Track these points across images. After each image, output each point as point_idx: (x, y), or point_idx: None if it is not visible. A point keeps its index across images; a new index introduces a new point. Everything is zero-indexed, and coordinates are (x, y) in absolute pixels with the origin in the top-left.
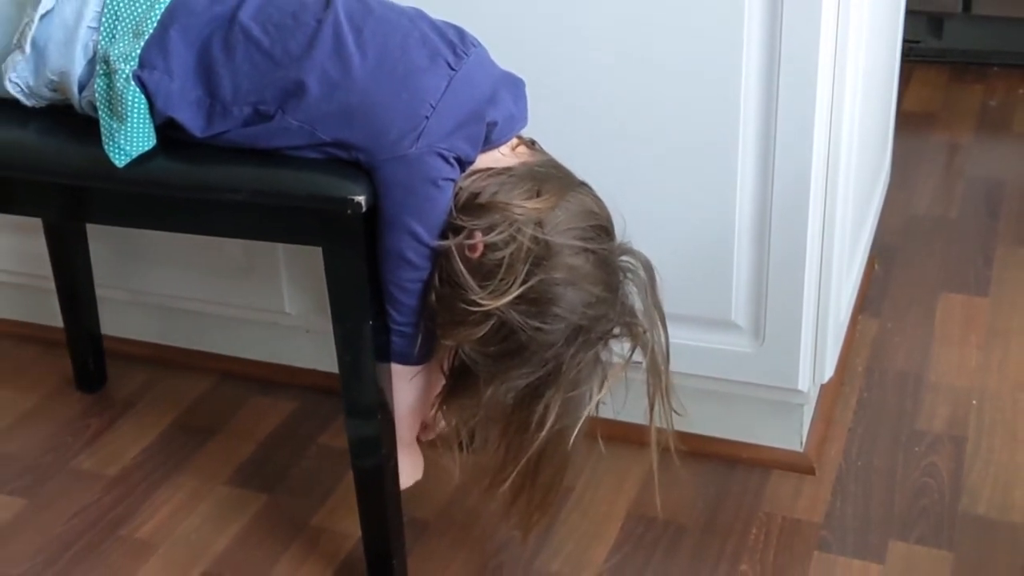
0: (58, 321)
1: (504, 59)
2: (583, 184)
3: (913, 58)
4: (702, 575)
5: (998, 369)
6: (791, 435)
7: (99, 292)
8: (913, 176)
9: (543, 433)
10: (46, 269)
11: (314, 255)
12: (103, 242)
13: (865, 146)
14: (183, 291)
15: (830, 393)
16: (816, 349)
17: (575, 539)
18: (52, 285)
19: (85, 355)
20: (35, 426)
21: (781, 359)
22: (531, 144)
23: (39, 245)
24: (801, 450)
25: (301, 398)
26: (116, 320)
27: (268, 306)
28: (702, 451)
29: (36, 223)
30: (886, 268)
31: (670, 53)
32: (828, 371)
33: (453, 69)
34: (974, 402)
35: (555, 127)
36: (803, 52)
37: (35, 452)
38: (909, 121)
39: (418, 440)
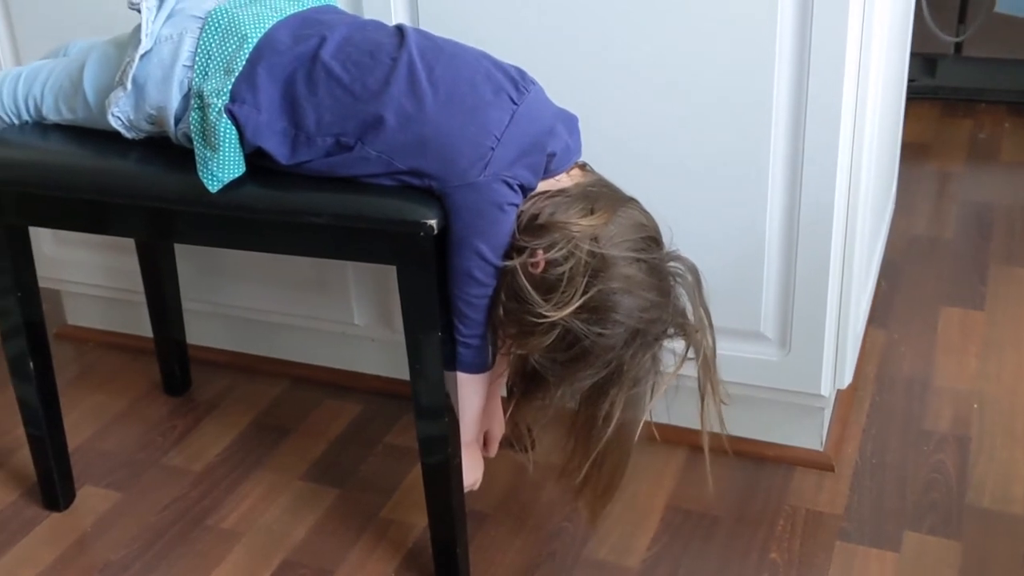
0: (145, 331)
1: (556, 95)
2: (632, 199)
3: (909, 94)
4: (735, 562)
5: (996, 375)
6: (812, 436)
7: (185, 304)
8: (911, 201)
9: (611, 427)
10: (135, 284)
11: (380, 272)
12: (189, 260)
13: (879, 171)
14: (260, 304)
15: (845, 397)
16: (836, 358)
17: (620, 529)
18: (140, 298)
19: (172, 362)
20: (127, 426)
21: (805, 367)
22: (582, 166)
23: (129, 262)
24: (821, 449)
25: (367, 401)
26: (200, 330)
27: (338, 317)
28: (733, 450)
29: (126, 243)
30: (890, 284)
31: (705, 87)
32: (847, 378)
33: (515, 104)
34: (975, 405)
35: (601, 151)
36: (829, 84)
37: (128, 450)
38: (906, 151)
39: (484, 448)
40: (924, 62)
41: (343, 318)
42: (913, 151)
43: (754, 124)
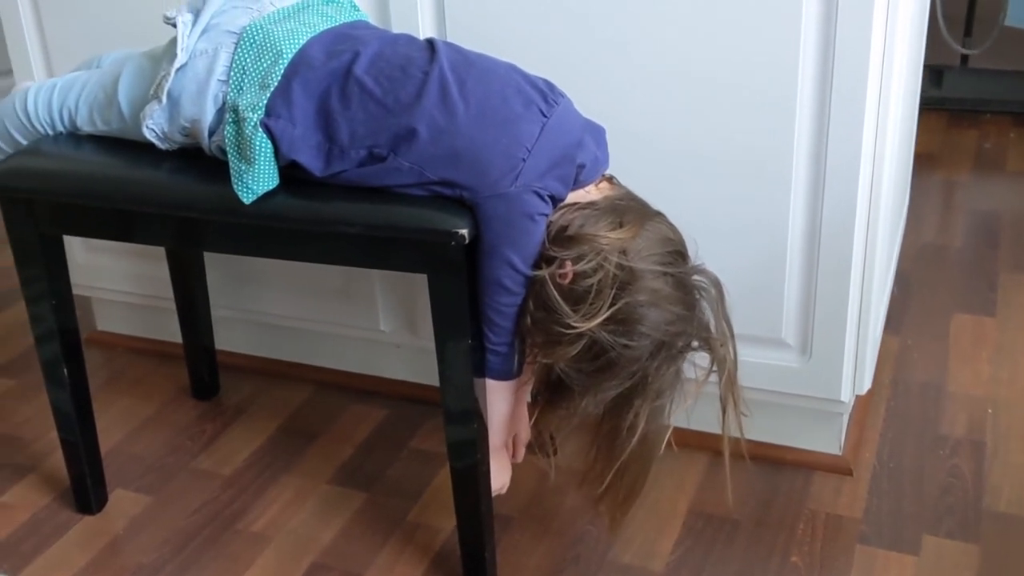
0: (173, 336)
1: (580, 105)
2: (659, 213)
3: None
4: (757, 565)
5: (1008, 381)
6: (831, 440)
7: (213, 311)
8: (920, 210)
9: (635, 438)
10: (163, 291)
11: (406, 279)
12: (217, 267)
13: (896, 181)
14: (287, 310)
15: (862, 402)
16: (856, 364)
17: (643, 533)
18: (169, 304)
19: (200, 367)
20: (156, 431)
21: (825, 373)
22: (610, 179)
23: (157, 269)
24: (840, 453)
25: (392, 406)
26: (227, 335)
27: (364, 324)
28: (752, 455)
29: (155, 251)
30: (902, 291)
31: (728, 96)
32: (866, 383)
33: (545, 116)
34: (989, 410)
35: (624, 160)
36: (852, 94)
37: (158, 453)
38: (914, 161)
39: (511, 453)
40: (931, 73)
41: (369, 324)
42: (921, 161)
43: (777, 132)
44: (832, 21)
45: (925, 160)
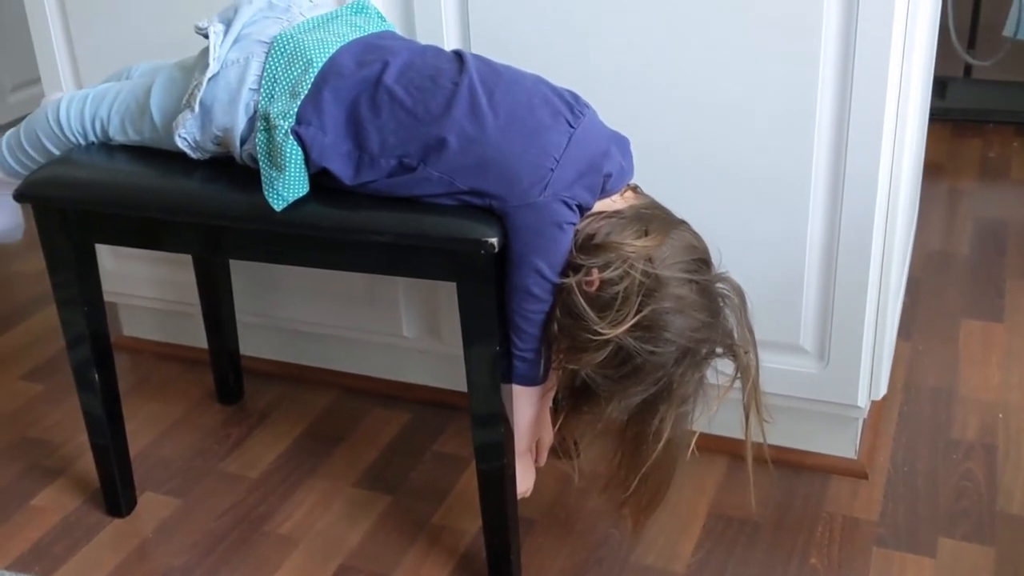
0: (198, 341)
1: (605, 120)
2: (683, 222)
3: None
4: (777, 567)
5: (1019, 385)
6: (847, 444)
7: (238, 317)
8: (927, 218)
9: (660, 444)
10: (188, 296)
11: (429, 286)
12: (242, 274)
13: (911, 188)
14: (311, 316)
15: (876, 407)
16: (872, 369)
17: (665, 536)
18: (193, 310)
19: (226, 372)
20: (183, 434)
21: (842, 379)
22: (635, 188)
23: (183, 276)
24: (855, 457)
25: (415, 410)
26: (252, 341)
27: (387, 330)
28: (759, 457)
29: (181, 258)
30: (912, 298)
31: (750, 107)
32: (883, 389)
33: (572, 127)
34: (1000, 415)
35: (646, 168)
36: (871, 104)
37: (185, 457)
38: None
39: (535, 458)
40: (935, 84)
41: (392, 330)
42: (927, 170)
43: (797, 141)
44: (852, 29)
45: (931, 169)
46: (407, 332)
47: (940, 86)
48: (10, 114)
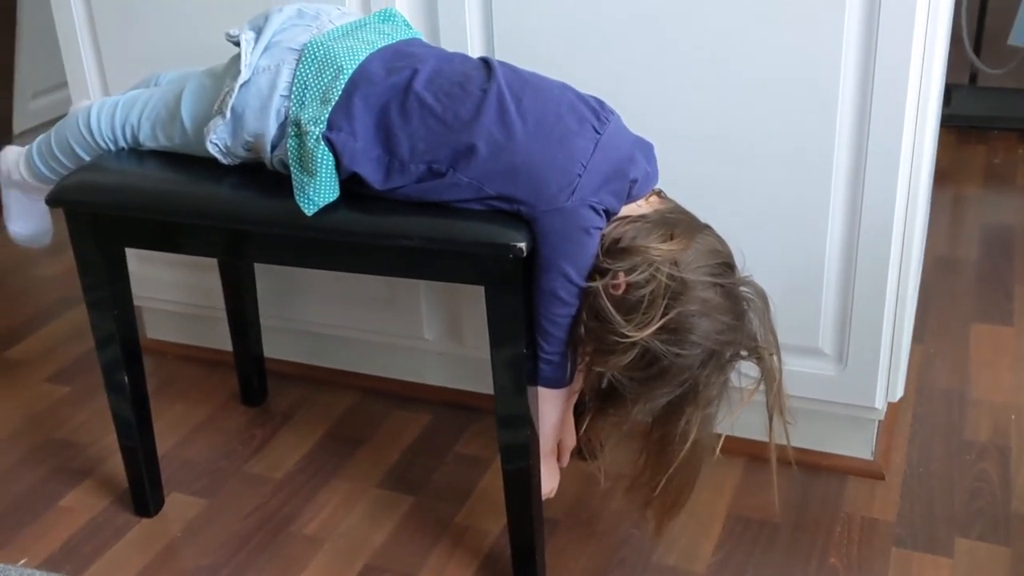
0: (221, 344)
1: (628, 113)
2: (707, 226)
3: None
4: (798, 568)
5: None
6: (863, 446)
7: (262, 320)
8: (934, 223)
9: (687, 445)
10: (212, 300)
11: (450, 290)
12: (267, 278)
13: (926, 193)
14: (334, 320)
15: (891, 409)
16: (890, 372)
17: (686, 536)
18: (216, 313)
19: (250, 374)
20: (208, 435)
21: (860, 381)
22: (659, 193)
23: (206, 280)
24: (872, 459)
25: (435, 412)
26: (275, 344)
27: (408, 332)
28: (783, 459)
29: (205, 262)
30: (922, 302)
31: (770, 107)
32: (899, 391)
33: (598, 133)
34: (1012, 417)
35: (667, 171)
36: (891, 107)
37: (211, 458)
38: None
39: (557, 459)
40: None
41: (413, 333)
42: (933, 176)
43: (816, 142)
44: (873, 29)
45: (937, 175)
46: (428, 335)
47: (945, 93)
48: (31, 120)
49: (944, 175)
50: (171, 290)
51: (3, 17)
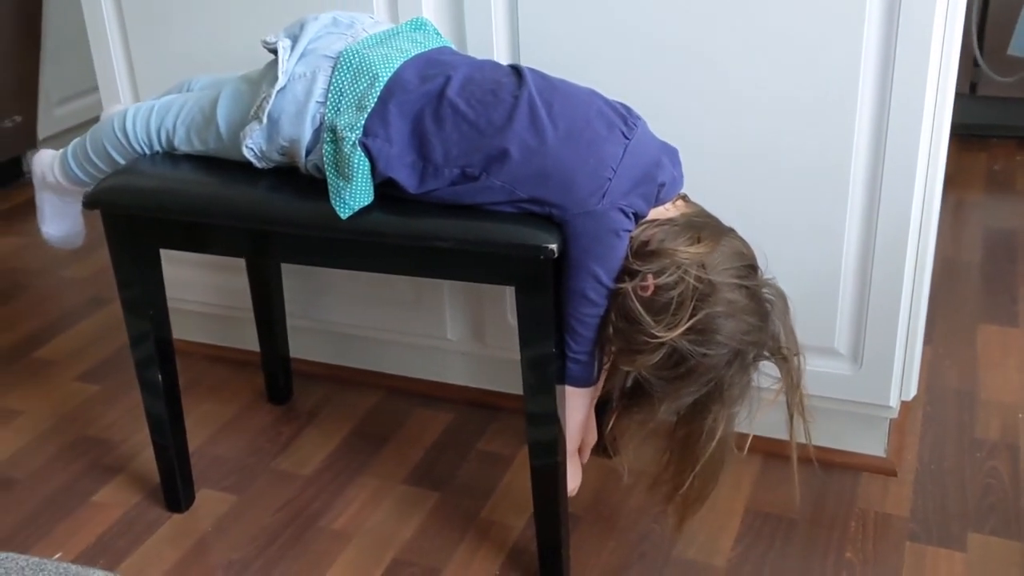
0: (247, 344)
1: (652, 123)
2: (731, 229)
3: None
4: (815, 562)
5: None
6: (877, 443)
7: (288, 321)
8: (939, 227)
9: (713, 443)
10: (238, 301)
11: (474, 291)
12: (293, 279)
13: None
14: (359, 320)
15: (902, 408)
16: (904, 371)
17: (705, 531)
18: (241, 314)
19: (276, 373)
20: (236, 433)
21: (875, 380)
22: (684, 197)
23: (233, 281)
24: (884, 456)
25: (457, 411)
26: (301, 343)
27: (432, 332)
28: (804, 457)
29: (233, 264)
30: (930, 304)
31: (789, 111)
32: (912, 390)
33: (627, 138)
34: (1021, 416)
35: (689, 173)
36: (909, 111)
37: (239, 455)
38: None
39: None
40: None
41: (437, 333)
42: None
43: (835, 144)
44: (892, 37)
45: None
46: (451, 335)
47: None
48: (57, 126)
49: (947, 181)
50: (199, 291)
51: (28, 25)
